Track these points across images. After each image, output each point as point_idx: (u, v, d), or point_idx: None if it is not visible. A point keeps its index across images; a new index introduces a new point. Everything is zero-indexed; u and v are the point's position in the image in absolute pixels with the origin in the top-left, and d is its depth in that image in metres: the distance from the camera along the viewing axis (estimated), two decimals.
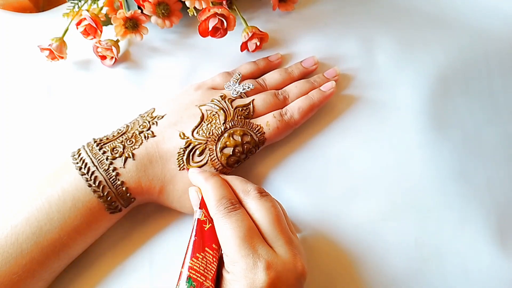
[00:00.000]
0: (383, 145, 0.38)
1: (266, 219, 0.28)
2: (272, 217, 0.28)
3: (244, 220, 0.27)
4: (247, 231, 0.27)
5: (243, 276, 0.25)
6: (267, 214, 0.28)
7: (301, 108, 0.37)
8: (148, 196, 0.33)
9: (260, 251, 0.26)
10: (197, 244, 0.27)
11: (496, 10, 0.47)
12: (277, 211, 0.29)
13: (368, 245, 0.35)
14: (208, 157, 0.33)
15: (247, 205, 0.29)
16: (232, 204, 0.28)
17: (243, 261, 0.25)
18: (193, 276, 0.26)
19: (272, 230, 0.28)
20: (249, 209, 0.29)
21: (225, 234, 0.27)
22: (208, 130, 0.34)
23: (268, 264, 0.25)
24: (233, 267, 0.26)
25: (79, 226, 0.31)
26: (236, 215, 0.28)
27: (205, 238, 0.28)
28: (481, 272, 0.34)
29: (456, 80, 0.42)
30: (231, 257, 0.26)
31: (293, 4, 0.45)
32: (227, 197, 0.29)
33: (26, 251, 0.29)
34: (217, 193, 0.29)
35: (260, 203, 0.29)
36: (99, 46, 0.41)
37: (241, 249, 0.26)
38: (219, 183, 0.30)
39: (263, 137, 0.35)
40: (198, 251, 0.27)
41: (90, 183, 0.31)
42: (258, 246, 0.26)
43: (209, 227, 0.28)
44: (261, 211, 0.28)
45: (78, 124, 0.40)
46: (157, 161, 0.33)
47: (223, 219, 0.27)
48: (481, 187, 0.37)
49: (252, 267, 0.25)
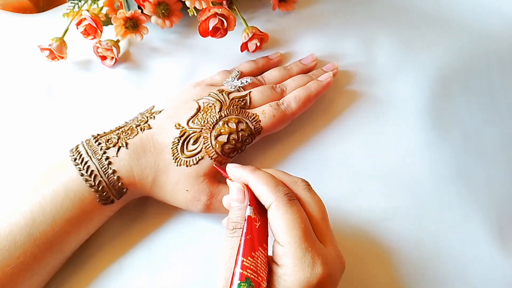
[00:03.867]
0: (383, 145, 0.38)
1: (317, 212, 0.27)
2: (322, 212, 0.27)
3: (303, 212, 0.26)
4: (307, 224, 0.26)
5: (300, 269, 0.24)
6: (318, 207, 0.27)
7: (298, 97, 0.36)
8: (141, 188, 0.33)
9: (318, 246, 0.25)
10: (251, 243, 0.25)
11: (496, 10, 0.47)
12: (324, 205, 0.28)
13: (368, 244, 0.35)
14: (203, 145, 0.33)
15: (298, 195, 0.28)
16: (290, 192, 0.27)
17: (302, 254, 0.24)
18: (250, 276, 0.24)
19: (323, 224, 0.27)
20: (301, 200, 0.27)
21: (285, 224, 0.25)
22: (203, 119, 0.34)
23: (323, 260, 0.25)
24: (287, 259, 0.25)
25: (71, 218, 0.31)
26: (296, 205, 0.26)
27: (257, 236, 0.26)
28: (481, 272, 0.34)
29: (456, 80, 0.42)
30: (289, 249, 0.25)
31: (293, 4, 0.46)
32: (283, 185, 0.27)
33: (19, 243, 0.29)
34: (271, 182, 0.27)
35: (311, 195, 0.28)
36: (99, 47, 0.41)
37: (301, 242, 0.25)
38: (267, 174, 0.28)
39: (259, 126, 0.35)
40: (252, 250, 0.25)
41: (82, 173, 0.31)
42: (315, 241, 0.25)
43: (259, 225, 0.26)
44: (313, 204, 0.27)
45: (78, 124, 0.40)
46: (150, 150, 0.33)
47: (284, 207, 0.26)
48: (481, 187, 0.37)
49: (310, 261, 0.24)
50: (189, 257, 0.34)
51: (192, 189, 0.33)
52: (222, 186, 0.34)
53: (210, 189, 0.33)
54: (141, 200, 0.36)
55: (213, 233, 0.35)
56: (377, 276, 0.34)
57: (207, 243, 0.34)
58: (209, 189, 0.33)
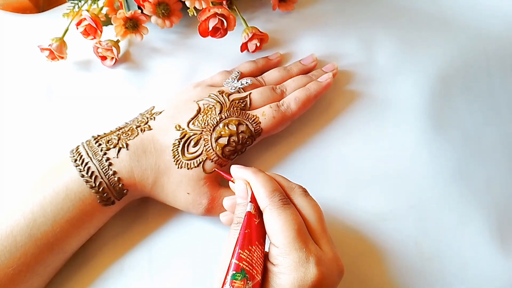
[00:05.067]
0: (383, 145, 0.38)
1: (313, 216, 0.28)
2: (318, 215, 0.28)
3: (297, 215, 0.27)
4: (300, 226, 0.27)
5: (294, 269, 0.25)
6: (314, 211, 0.28)
7: (298, 98, 0.37)
8: (141, 189, 0.33)
9: (311, 247, 0.26)
10: (249, 237, 0.27)
11: (496, 10, 0.47)
12: (321, 210, 0.29)
13: (368, 245, 0.35)
14: (203, 148, 0.33)
15: (294, 201, 0.29)
16: (285, 198, 0.28)
17: (296, 254, 0.25)
18: (246, 268, 0.25)
19: (318, 227, 0.28)
20: (296, 205, 0.29)
21: (278, 226, 0.26)
22: (203, 121, 0.34)
23: (318, 260, 0.25)
24: (283, 259, 0.26)
25: (72, 218, 0.31)
26: (290, 208, 0.27)
27: (255, 232, 0.27)
28: (481, 272, 0.34)
29: (456, 80, 0.42)
30: (283, 249, 0.26)
31: (293, 4, 0.45)
32: (279, 190, 0.29)
33: (20, 244, 0.29)
34: (268, 186, 0.28)
35: (307, 200, 0.29)
36: (99, 47, 0.41)
37: (295, 242, 0.26)
38: (268, 177, 0.29)
39: (259, 127, 0.35)
40: (249, 243, 0.26)
41: (83, 174, 0.31)
42: (309, 241, 0.26)
43: (258, 222, 0.28)
44: (308, 208, 0.28)
45: (78, 125, 0.40)
46: (151, 151, 0.33)
47: (278, 210, 0.27)
48: (481, 187, 0.37)
49: (305, 261, 0.25)
50: (189, 257, 0.34)
51: (193, 192, 0.33)
52: (223, 189, 0.34)
53: (211, 193, 0.33)
54: (142, 201, 0.36)
55: (213, 233, 0.35)
56: (377, 276, 0.34)
57: (208, 243, 0.35)
58: (210, 192, 0.33)
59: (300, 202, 0.29)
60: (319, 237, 0.27)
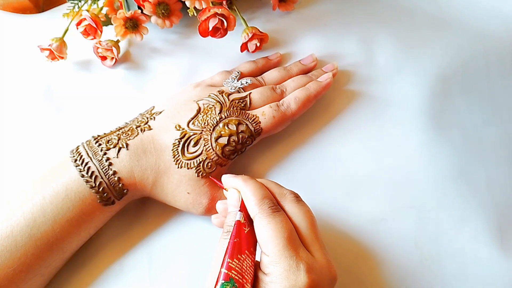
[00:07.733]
0: (383, 145, 0.38)
1: (304, 223, 0.28)
2: (309, 222, 0.28)
3: (288, 222, 0.27)
4: (291, 233, 0.26)
5: (285, 277, 0.25)
6: (305, 218, 0.28)
7: (298, 98, 0.37)
8: (141, 189, 0.33)
9: (302, 254, 0.26)
10: (238, 246, 0.27)
11: (496, 10, 0.47)
12: (313, 216, 0.29)
13: (368, 245, 0.35)
14: (203, 147, 0.33)
15: (285, 208, 0.29)
16: (274, 205, 0.28)
17: (286, 262, 0.25)
18: (235, 277, 0.25)
19: (310, 234, 0.27)
20: (287, 212, 0.29)
21: (268, 234, 0.26)
22: (203, 121, 0.34)
23: (309, 267, 0.25)
24: (273, 267, 0.25)
25: (72, 218, 0.31)
26: (280, 215, 0.27)
27: (245, 241, 0.27)
28: (481, 272, 0.34)
29: (456, 80, 0.42)
30: (273, 258, 0.26)
31: (293, 4, 0.46)
32: (269, 198, 0.28)
33: (20, 244, 0.29)
34: (258, 193, 0.28)
35: (298, 207, 0.29)
36: (99, 47, 0.41)
37: (285, 250, 0.25)
38: (258, 185, 0.29)
39: (259, 127, 0.35)
40: (239, 252, 0.26)
41: (83, 174, 0.31)
42: (299, 249, 0.26)
43: (248, 231, 0.28)
44: (299, 214, 0.28)
45: (78, 125, 0.40)
46: (151, 152, 0.33)
47: (267, 218, 0.27)
48: (481, 187, 0.37)
49: (295, 269, 0.25)
50: (189, 257, 0.34)
51: (193, 192, 0.33)
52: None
53: (211, 192, 0.33)
54: (142, 201, 0.36)
55: (213, 233, 0.35)
56: (377, 277, 0.34)
57: (208, 243, 0.35)
58: (210, 192, 0.33)
59: (291, 209, 0.28)
60: (310, 243, 0.27)
